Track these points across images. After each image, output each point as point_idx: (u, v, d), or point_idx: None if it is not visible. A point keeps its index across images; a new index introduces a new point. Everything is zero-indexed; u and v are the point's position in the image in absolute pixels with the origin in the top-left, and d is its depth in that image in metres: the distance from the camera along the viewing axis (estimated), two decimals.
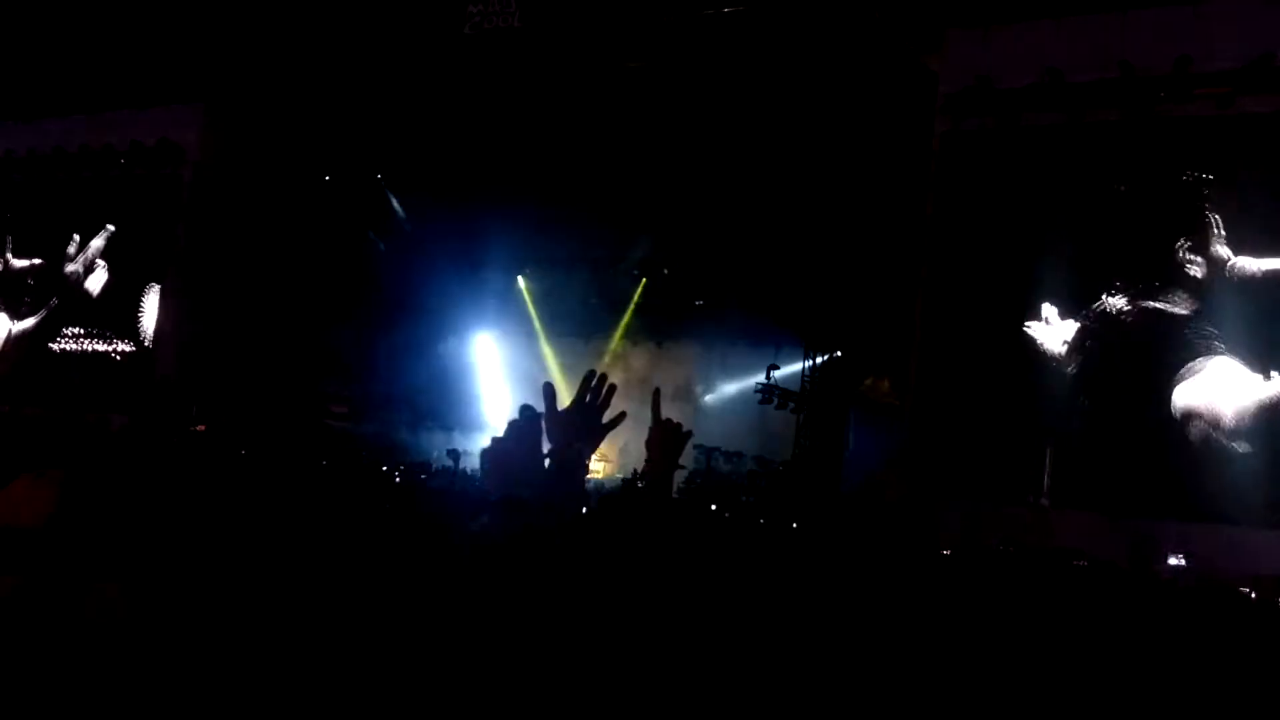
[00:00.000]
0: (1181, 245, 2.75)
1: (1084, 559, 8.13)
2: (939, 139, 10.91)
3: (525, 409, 2.42)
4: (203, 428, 13.57)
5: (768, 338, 16.01)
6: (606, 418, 2.48)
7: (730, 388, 17.74)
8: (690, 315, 17.44)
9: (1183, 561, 7.99)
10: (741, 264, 15.44)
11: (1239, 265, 3.09)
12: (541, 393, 2.48)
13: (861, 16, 11.25)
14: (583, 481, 2.43)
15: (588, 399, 2.45)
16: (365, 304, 16.98)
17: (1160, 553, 8.19)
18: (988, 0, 10.86)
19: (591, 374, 2.49)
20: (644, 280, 17.63)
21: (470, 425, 17.84)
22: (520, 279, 18.52)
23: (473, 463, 15.97)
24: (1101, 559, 8.11)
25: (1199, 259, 2.87)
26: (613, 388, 2.49)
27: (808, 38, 11.69)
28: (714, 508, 11.00)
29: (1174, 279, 2.83)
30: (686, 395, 17.97)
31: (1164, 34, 9.78)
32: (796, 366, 15.64)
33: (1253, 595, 7.00)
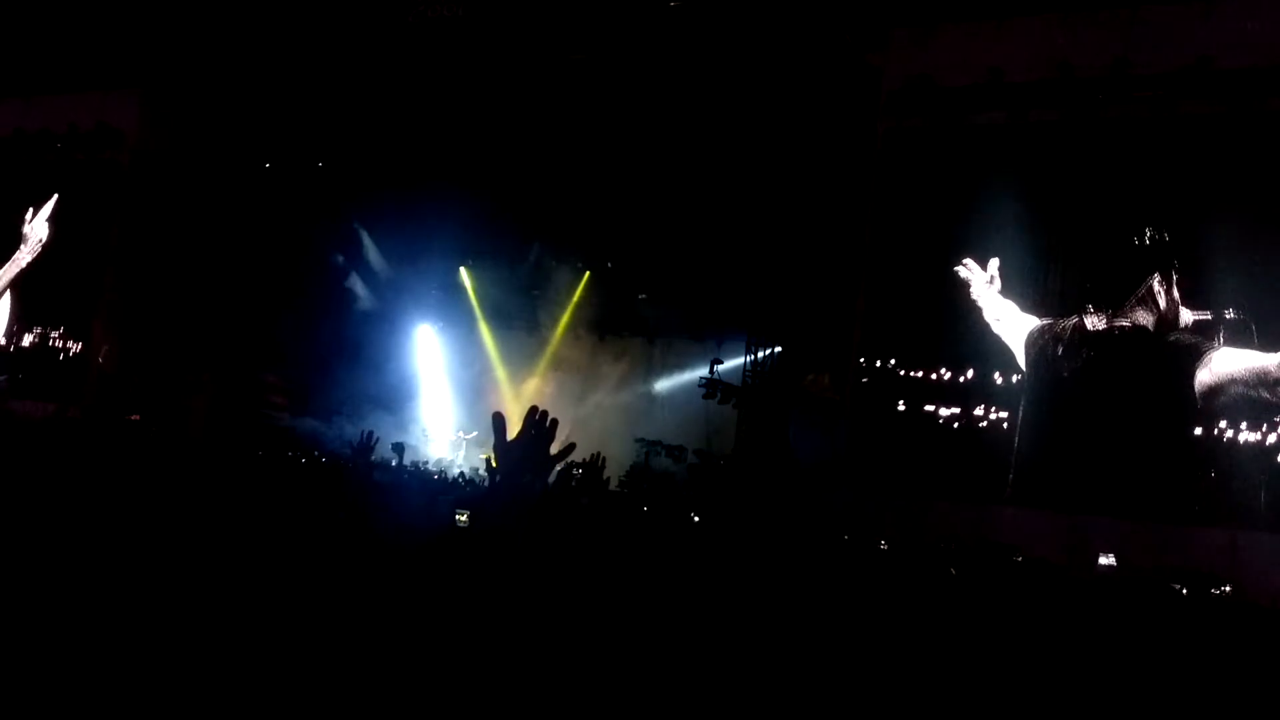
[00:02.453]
0: (1154, 279, 2.91)
1: (1020, 555, 8.28)
2: (881, 136, 11.05)
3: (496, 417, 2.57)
4: (136, 417, 13.31)
5: (711, 331, 16.04)
6: (554, 449, 2.56)
7: (673, 381, 17.73)
8: (633, 308, 17.43)
9: (1112, 561, 8.17)
10: (685, 257, 15.45)
11: (1181, 311, 3.31)
12: (491, 423, 2.55)
13: (807, 12, 11.34)
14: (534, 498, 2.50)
15: (533, 433, 2.51)
16: (306, 294, 16.75)
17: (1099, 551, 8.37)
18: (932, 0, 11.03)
19: (534, 410, 2.55)
20: (587, 273, 17.57)
21: (412, 417, 17.68)
22: (463, 270, 18.35)
23: (415, 455, 15.86)
24: (1043, 556, 8.27)
25: (1163, 296, 3.04)
26: (555, 423, 2.54)
27: (752, 32, 11.74)
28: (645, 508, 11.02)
29: (1143, 306, 2.99)
30: (629, 389, 17.96)
31: (1103, 36, 9.97)
32: (740, 360, 15.67)
33: (1183, 590, 7.18)
